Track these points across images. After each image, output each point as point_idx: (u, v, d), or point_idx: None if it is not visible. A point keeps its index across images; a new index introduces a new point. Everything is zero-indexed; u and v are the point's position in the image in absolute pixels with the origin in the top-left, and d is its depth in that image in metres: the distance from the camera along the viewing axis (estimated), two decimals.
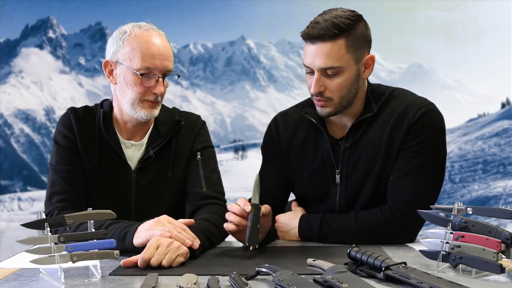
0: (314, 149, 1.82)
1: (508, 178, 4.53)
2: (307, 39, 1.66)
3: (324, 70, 1.64)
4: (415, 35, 4.50)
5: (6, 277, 1.31)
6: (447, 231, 1.32)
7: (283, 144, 1.87)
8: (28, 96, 4.71)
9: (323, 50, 1.63)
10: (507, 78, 4.46)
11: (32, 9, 4.58)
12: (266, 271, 1.23)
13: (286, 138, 1.87)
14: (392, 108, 1.74)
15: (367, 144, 1.74)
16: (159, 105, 1.78)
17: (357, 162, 1.75)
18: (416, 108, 1.70)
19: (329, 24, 1.61)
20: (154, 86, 1.71)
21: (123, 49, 1.71)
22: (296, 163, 1.85)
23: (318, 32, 1.62)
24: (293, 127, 1.87)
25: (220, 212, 1.76)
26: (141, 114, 1.74)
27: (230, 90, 4.88)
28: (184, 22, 4.61)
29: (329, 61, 1.63)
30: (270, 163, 1.91)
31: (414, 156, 1.69)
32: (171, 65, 1.73)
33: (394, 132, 1.70)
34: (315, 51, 1.64)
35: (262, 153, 1.96)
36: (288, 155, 1.87)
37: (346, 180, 1.78)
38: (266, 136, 1.93)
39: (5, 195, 4.62)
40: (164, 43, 1.73)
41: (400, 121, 1.70)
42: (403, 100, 1.75)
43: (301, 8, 4.42)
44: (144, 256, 1.38)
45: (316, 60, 1.64)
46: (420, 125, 1.68)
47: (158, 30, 1.76)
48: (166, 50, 1.72)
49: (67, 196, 1.73)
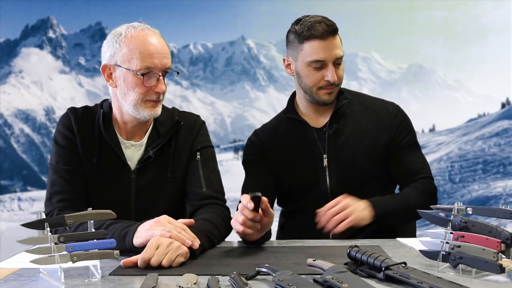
0: (298, 140, 2.01)
1: (508, 178, 4.53)
2: (319, 36, 1.88)
3: (336, 60, 1.91)
4: (415, 35, 4.50)
5: (6, 277, 1.31)
6: (447, 231, 1.32)
7: (265, 145, 2.04)
8: (28, 96, 4.71)
9: (335, 42, 1.91)
10: (507, 78, 4.46)
11: (32, 9, 4.58)
12: (266, 271, 1.23)
13: (268, 140, 2.05)
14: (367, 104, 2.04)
15: (351, 131, 1.98)
16: (161, 104, 1.78)
17: (344, 146, 1.97)
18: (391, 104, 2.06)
19: (330, 22, 1.92)
20: (156, 85, 1.71)
21: (120, 52, 1.70)
22: (282, 158, 2.01)
23: (330, 28, 1.89)
24: (271, 131, 2.08)
25: (220, 212, 1.76)
26: (144, 114, 1.74)
27: (230, 90, 4.89)
28: (184, 22, 4.61)
29: (340, 51, 1.93)
30: (254, 165, 2.06)
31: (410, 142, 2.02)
32: (169, 62, 1.74)
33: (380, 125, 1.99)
34: (328, 45, 1.89)
35: (245, 162, 2.09)
36: (272, 154, 2.03)
37: (335, 163, 1.96)
38: (247, 147, 2.10)
39: (5, 195, 4.62)
40: (160, 42, 1.73)
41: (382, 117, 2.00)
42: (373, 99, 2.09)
43: (301, 8, 4.41)
44: (144, 256, 1.38)
45: (332, 52, 1.89)
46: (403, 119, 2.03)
47: (153, 29, 1.76)
48: (163, 48, 1.73)
49: (67, 196, 1.73)
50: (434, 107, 4.51)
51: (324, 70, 1.91)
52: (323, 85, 1.92)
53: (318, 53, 1.89)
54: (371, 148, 1.97)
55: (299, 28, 1.93)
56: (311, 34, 1.89)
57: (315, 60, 1.90)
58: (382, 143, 1.98)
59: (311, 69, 1.92)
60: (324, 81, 1.91)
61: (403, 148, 2.01)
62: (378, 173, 1.99)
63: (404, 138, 2.01)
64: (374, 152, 1.97)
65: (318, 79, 1.92)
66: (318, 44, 1.89)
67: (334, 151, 1.97)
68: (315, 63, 1.90)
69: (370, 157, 1.97)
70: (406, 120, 2.06)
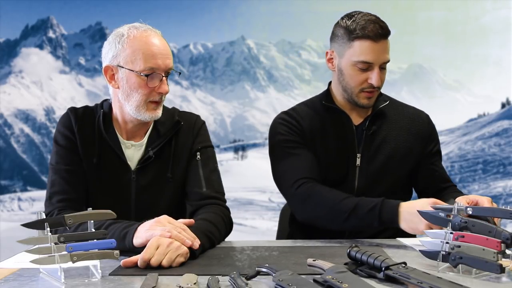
0: (335, 134, 1.95)
1: (508, 178, 4.53)
2: (372, 38, 1.83)
3: (382, 64, 1.88)
4: (415, 35, 4.50)
5: (6, 277, 1.31)
6: (447, 231, 1.32)
7: (305, 129, 1.96)
8: (28, 96, 4.70)
9: (386, 46, 1.87)
10: (507, 78, 4.46)
11: (32, 9, 4.58)
12: (266, 271, 1.23)
13: (306, 124, 1.97)
14: (400, 110, 2.03)
15: (387, 135, 1.96)
16: (162, 105, 1.78)
17: (379, 148, 1.94)
18: (423, 112, 2.08)
19: (384, 24, 1.87)
20: (159, 86, 1.71)
21: (123, 52, 1.70)
22: (317, 147, 1.95)
23: (384, 31, 1.85)
24: (308, 116, 1.99)
25: (220, 212, 1.77)
26: (145, 117, 1.74)
27: (230, 90, 4.88)
28: (184, 22, 4.61)
29: (388, 56, 1.89)
30: (298, 147, 1.94)
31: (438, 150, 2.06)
32: (172, 63, 1.74)
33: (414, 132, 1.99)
34: (379, 48, 1.85)
35: (282, 142, 1.95)
36: (310, 139, 1.95)
37: (367, 164, 1.93)
38: (283, 126, 1.97)
39: (5, 195, 4.61)
40: (163, 42, 1.74)
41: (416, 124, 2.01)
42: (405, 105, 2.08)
43: (301, 8, 4.41)
44: (144, 256, 1.38)
45: (381, 55, 1.86)
46: (434, 127, 2.06)
47: (155, 29, 1.76)
48: (166, 49, 1.73)
49: (67, 196, 1.73)
50: (434, 107, 4.50)
51: (369, 72, 1.86)
52: (365, 87, 1.88)
53: (368, 54, 1.84)
54: (405, 154, 1.96)
55: (352, 24, 1.85)
56: (364, 34, 1.83)
57: (362, 61, 1.85)
58: (416, 150, 1.98)
59: (356, 69, 1.87)
60: (367, 83, 1.88)
61: (434, 156, 2.02)
62: (404, 182, 2.00)
63: (435, 147, 2.03)
64: (407, 159, 1.96)
65: (362, 80, 1.88)
66: (369, 45, 1.84)
67: (369, 152, 1.94)
68: (362, 64, 1.85)
69: (403, 163, 1.96)
70: (435, 130, 2.08)
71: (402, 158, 1.95)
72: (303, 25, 4.45)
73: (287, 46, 4.82)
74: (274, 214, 4.20)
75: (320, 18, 4.30)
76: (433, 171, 2.01)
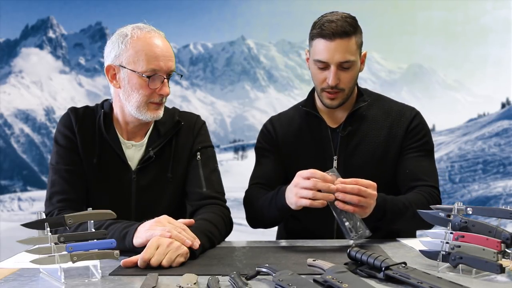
0: (311, 137, 1.97)
1: (508, 178, 4.53)
2: (326, 36, 1.82)
3: (341, 64, 1.83)
4: (415, 35, 4.50)
5: (6, 277, 1.31)
6: (447, 231, 1.32)
7: (279, 136, 2.01)
8: (28, 96, 4.70)
9: (342, 46, 1.82)
10: (507, 78, 4.46)
11: (32, 9, 4.58)
12: (266, 271, 1.23)
13: (282, 131, 2.02)
14: (386, 108, 1.98)
15: (365, 135, 1.93)
16: (163, 106, 1.79)
17: (356, 150, 1.92)
18: (410, 109, 1.99)
19: (346, 24, 1.82)
20: (160, 87, 1.71)
21: (126, 53, 1.70)
22: (293, 151, 1.98)
23: (339, 29, 1.81)
24: (287, 122, 2.04)
25: (220, 212, 1.77)
26: (146, 117, 1.74)
27: (230, 90, 4.88)
28: (184, 22, 4.61)
29: (347, 56, 1.82)
30: (266, 154, 2.03)
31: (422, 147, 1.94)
32: (174, 65, 1.74)
33: (395, 131, 1.94)
34: (334, 47, 1.81)
35: (257, 149, 2.07)
36: (284, 145, 2.00)
37: (344, 166, 1.91)
38: (262, 134, 2.08)
39: (5, 195, 4.61)
40: (166, 44, 1.74)
41: (398, 122, 1.94)
42: (394, 103, 2.02)
43: (301, 8, 4.42)
44: (144, 256, 1.38)
45: (336, 55, 1.82)
46: (419, 123, 1.96)
47: (158, 31, 1.76)
48: (168, 51, 1.73)
49: (67, 196, 1.73)
50: (434, 107, 4.50)
51: (327, 71, 1.85)
52: (325, 87, 1.87)
53: (322, 53, 1.84)
54: (383, 155, 1.91)
55: (316, 23, 1.88)
56: (319, 33, 1.84)
57: (318, 60, 1.85)
58: (394, 150, 1.92)
59: (316, 68, 1.88)
60: (325, 83, 1.86)
61: (413, 151, 1.92)
62: (387, 181, 1.89)
63: (415, 142, 1.93)
64: (386, 159, 1.92)
65: (321, 80, 1.88)
66: (322, 44, 1.83)
67: (345, 154, 1.92)
68: (319, 63, 1.86)
69: (381, 164, 1.91)
70: (423, 125, 1.97)
71: (380, 158, 1.91)
72: (303, 25, 4.43)
73: (287, 46, 4.82)
74: None
75: None
76: (406, 164, 1.90)
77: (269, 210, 1.82)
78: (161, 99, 1.74)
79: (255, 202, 1.91)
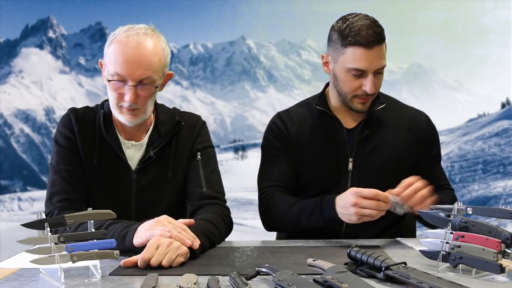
0: (326, 137, 1.93)
1: (508, 178, 4.53)
2: (364, 45, 1.76)
3: (377, 70, 1.81)
4: (415, 35, 4.50)
5: (6, 277, 1.31)
6: (447, 231, 1.32)
7: (292, 136, 1.95)
8: (28, 96, 4.70)
9: (380, 52, 1.80)
10: (507, 78, 4.46)
11: (32, 9, 4.58)
12: (266, 271, 1.23)
13: (294, 130, 1.96)
14: (399, 111, 1.98)
15: (382, 139, 1.92)
16: (141, 113, 1.72)
17: (373, 153, 1.90)
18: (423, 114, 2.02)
19: (379, 28, 1.80)
20: (125, 94, 1.67)
21: (107, 51, 1.70)
22: (306, 152, 1.93)
23: (376, 37, 1.78)
24: (298, 120, 1.97)
25: (220, 212, 1.77)
26: (122, 119, 1.74)
27: (230, 90, 4.88)
28: (184, 22, 4.61)
29: (383, 61, 1.82)
30: (279, 154, 1.96)
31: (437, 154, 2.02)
32: (146, 73, 1.65)
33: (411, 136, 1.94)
34: (372, 55, 1.78)
35: (267, 147, 2.00)
36: (297, 145, 1.94)
37: (359, 168, 1.89)
38: (272, 131, 2.00)
39: (5, 195, 4.61)
40: (141, 51, 1.64)
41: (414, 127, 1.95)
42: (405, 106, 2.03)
43: (301, 8, 4.41)
44: (144, 256, 1.38)
45: (374, 62, 1.79)
46: (434, 131, 2.01)
47: (146, 35, 1.67)
48: (141, 58, 1.64)
49: (67, 196, 1.73)
50: (434, 107, 4.50)
51: (363, 79, 1.81)
52: (360, 94, 1.84)
53: (360, 61, 1.78)
54: (400, 159, 1.91)
55: (345, 29, 1.79)
56: (356, 41, 1.77)
57: (355, 68, 1.80)
58: (412, 155, 1.93)
59: (350, 76, 1.82)
60: (361, 90, 1.83)
61: (431, 160, 1.97)
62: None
63: (432, 151, 1.98)
64: (402, 163, 1.91)
65: (355, 87, 1.83)
66: (362, 53, 1.77)
67: (362, 156, 1.90)
68: (355, 71, 1.80)
69: (398, 168, 1.89)
70: (436, 132, 2.02)
71: (397, 164, 1.90)
72: (303, 25, 4.45)
73: (287, 46, 4.82)
74: None
75: (320, 18, 4.30)
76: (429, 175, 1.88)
77: (310, 219, 1.79)
78: (129, 105, 1.68)
79: (283, 208, 1.86)
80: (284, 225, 1.92)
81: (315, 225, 1.79)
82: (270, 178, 1.96)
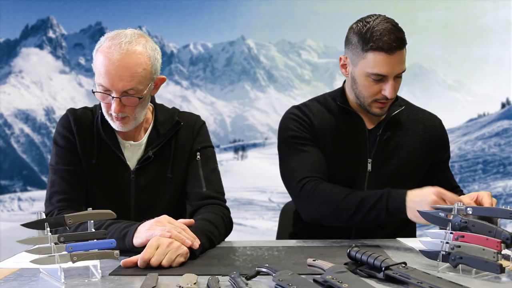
0: (348, 135, 1.91)
1: (508, 178, 4.53)
2: (387, 50, 1.74)
3: (398, 74, 1.81)
4: (415, 35, 4.50)
5: (6, 277, 1.31)
6: (447, 231, 1.32)
7: (316, 126, 1.91)
8: (28, 96, 4.70)
9: (401, 57, 1.78)
10: (507, 78, 4.46)
11: (32, 9, 4.58)
12: (266, 271, 1.23)
13: (317, 122, 1.92)
14: (415, 114, 1.99)
15: (401, 141, 1.92)
16: (131, 120, 1.71)
17: (391, 155, 1.90)
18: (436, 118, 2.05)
19: (401, 32, 1.78)
20: (112, 103, 1.66)
21: (94, 60, 1.68)
22: (327, 146, 1.90)
23: (399, 42, 1.75)
24: (319, 114, 1.94)
25: (220, 212, 1.77)
26: (114, 126, 1.74)
27: (230, 90, 4.88)
28: (184, 22, 4.61)
29: (403, 66, 1.81)
30: (309, 143, 1.90)
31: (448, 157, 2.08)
32: (129, 85, 1.62)
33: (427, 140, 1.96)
34: (394, 60, 1.76)
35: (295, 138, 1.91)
36: (321, 137, 1.91)
37: (378, 170, 1.89)
38: (295, 121, 1.92)
39: (5, 195, 4.61)
40: (123, 63, 1.60)
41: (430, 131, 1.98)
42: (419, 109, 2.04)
43: (301, 8, 4.41)
44: (144, 256, 1.38)
45: (395, 67, 1.77)
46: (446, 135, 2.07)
47: (130, 44, 1.63)
48: (122, 71, 1.61)
49: (67, 196, 1.73)
50: (434, 107, 4.48)
51: (383, 83, 1.79)
52: (379, 98, 1.83)
53: (382, 67, 1.76)
54: (417, 162, 1.93)
55: (366, 33, 1.76)
56: (378, 46, 1.74)
57: (376, 74, 1.78)
58: (427, 158, 1.95)
59: (370, 81, 1.80)
60: (381, 95, 1.82)
61: (444, 163, 2.02)
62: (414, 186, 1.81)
63: (445, 154, 2.03)
64: (418, 166, 1.93)
65: (375, 91, 1.82)
66: (384, 58, 1.75)
67: (381, 158, 1.89)
68: (375, 76, 1.78)
69: (414, 170, 1.92)
70: (447, 135, 2.07)
71: (413, 167, 1.92)
72: (303, 25, 4.45)
73: (287, 46, 4.82)
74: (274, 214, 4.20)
75: (320, 18, 4.30)
76: (444, 178, 1.97)
77: (371, 210, 1.68)
78: (116, 114, 1.67)
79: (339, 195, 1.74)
80: (338, 214, 1.75)
81: (373, 218, 1.69)
82: (310, 169, 1.85)
